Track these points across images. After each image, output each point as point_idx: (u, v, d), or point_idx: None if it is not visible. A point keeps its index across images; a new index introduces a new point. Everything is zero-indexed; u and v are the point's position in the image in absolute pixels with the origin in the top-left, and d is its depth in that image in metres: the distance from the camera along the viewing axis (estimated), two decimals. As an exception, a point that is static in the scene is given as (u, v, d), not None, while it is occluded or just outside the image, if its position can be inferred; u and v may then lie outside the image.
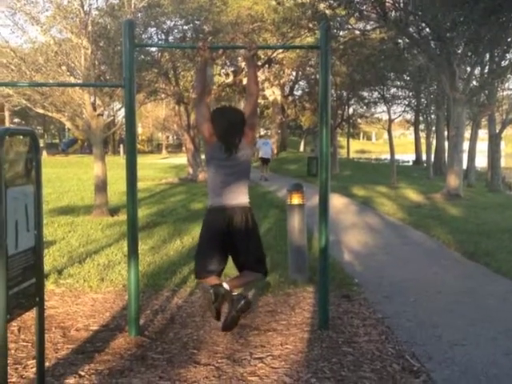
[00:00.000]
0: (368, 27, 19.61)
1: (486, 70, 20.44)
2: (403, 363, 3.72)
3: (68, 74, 10.79)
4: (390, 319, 4.65)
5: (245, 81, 19.99)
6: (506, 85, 24.23)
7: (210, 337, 4.19)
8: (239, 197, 3.87)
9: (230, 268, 4.21)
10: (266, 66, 24.60)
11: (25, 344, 3.98)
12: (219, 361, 3.73)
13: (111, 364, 3.66)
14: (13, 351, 3.81)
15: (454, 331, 4.35)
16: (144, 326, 4.40)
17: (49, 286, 5.45)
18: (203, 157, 21.48)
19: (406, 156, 45.82)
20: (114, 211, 11.09)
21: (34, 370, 3.24)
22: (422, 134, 37.45)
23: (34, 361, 3.30)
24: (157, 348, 3.95)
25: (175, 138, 62.11)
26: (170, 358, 3.78)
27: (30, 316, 4.10)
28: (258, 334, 4.24)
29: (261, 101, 36.17)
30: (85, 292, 5.41)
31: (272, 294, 5.34)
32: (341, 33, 19.56)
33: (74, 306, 4.96)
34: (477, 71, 20.12)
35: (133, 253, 4.16)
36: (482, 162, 30.83)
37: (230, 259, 3.98)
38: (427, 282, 5.95)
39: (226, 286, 3.70)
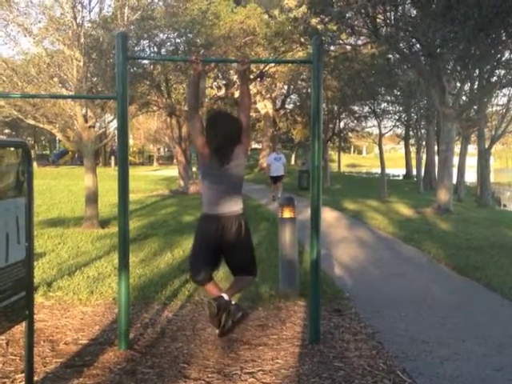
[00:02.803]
0: (359, 42, 19.76)
1: (475, 86, 20.64)
2: (394, 378, 3.71)
3: (60, 85, 10.79)
4: (381, 334, 4.65)
5: (237, 94, 20.07)
6: (495, 101, 24.44)
7: (201, 351, 4.16)
8: (233, 206, 3.97)
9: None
10: (258, 79, 24.71)
11: (13, 358, 3.94)
12: (210, 375, 3.70)
13: (100, 378, 3.62)
14: (1, 365, 3.77)
15: (444, 346, 4.35)
16: (134, 339, 4.36)
17: (38, 298, 5.40)
18: (194, 169, 21.53)
19: (397, 170, 45.99)
20: (104, 223, 11.04)
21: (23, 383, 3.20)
22: (413, 149, 37.62)
23: (23, 375, 3.27)
24: (147, 362, 3.92)
25: (166, 150, 62.05)
26: (160, 372, 3.75)
27: (19, 329, 4.06)
28: (248, 349, 4.22)
29: (252, 114, 36.26)
30: (74, 305, 5.37)
31: (263, 308, 5.32)
32: (332, 48, 19.70)
33: (63, 320, 4.92)
34: (466, 87, 20.30)
35: (123, 265, 4.14)
36: (471, 177, 31.01)
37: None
38: (418, 297, 5.95)
39: (225, 297, 3.90)
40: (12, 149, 2.79)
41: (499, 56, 15.44)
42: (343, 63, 20.89)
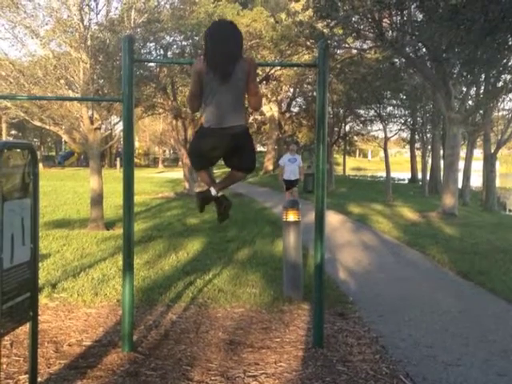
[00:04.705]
0: (365, 46, 19.77)
1: (481, 90, 20.60)
2: (397, 383, 3.70)
3: (66, 87, 10.83)
4: (385, 338, 4.64)
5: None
6: (501, 105, 24.38)
7: (204, 353, 4.17)
8: (234, 120, 3.85)
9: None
10: (264, 82, 24.73)
11: (17, 359, 3.95)
12: (212, 378, 3.71)
13: (104, 380, 3.63)
14: (5, 366, 3.77)
15: (448, 351, 4.34)
16: (137, 341, 4.37)
17: (42, 299, 5.41)
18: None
19: (402, 174, 45.91)
20: (109, 225, 11.06)
21: (26, 384, 3.21)
22: (418, 153, 37.56)
23: (26, 376, 3.28)
24: (150, 364, 3.92)
25: (172, 152, 62.18)
26: (163, 374, 3.75)
27: (23, 330, 4.07)
28: (251, 352, 4.22)
29: (258, 117, 36.31)
30: (78, 306, 5.38)
31: (266, 311, 5.32)
32: (338, 51, 19.70)
33: (67, 321, 4.93)
34: (472, 91, 20.28)
35: (128, 267, 4.15)
36: (476, 181, 30.93)
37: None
38: (422, 301, 5.94)
39: (213, 192, 4.09)
40: (18, 150, 2.81)
41: (505, 61, 15.41)
42: (349, 67, 20.91)
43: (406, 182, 41.84)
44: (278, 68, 24.41)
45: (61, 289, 5.93)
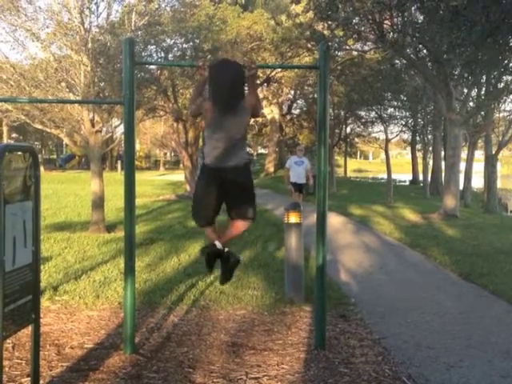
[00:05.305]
0: (366, 48, 19.77)
1: (482, 92, 20.59)
2: (400, 385, 3.69)
3: (67, 90, 10.84)
4: (387, 340, 4.63)
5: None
6: (503, 107, 24.38)
7: (206, 355, 4.16)
8: (235, 158, 3.90)
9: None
10: (265, 84, 24.74)
11: (19, 361, 3.95)
12: (215, 380, 3.70)
13: (106, 383, 3.63)
14: (7, 368, 3.77)
15: (450, 353, 4.33)
16: (139, 344, 4.37)
17: (44, 302, 5.41)
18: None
19: (403, 175, 45.85)
20: (110, 228, 11.06)
21: (28, 387, 3.21)
22: (419, 154, 37.53)
23: (29, 378, 3.28)
24: (152, 367, 3.92)
25: (173, 154, 62.17)
26: (165, 376, 3.75)
27: (25, 333, 4.07)
28: (254, 354, 4.21)
29: (259, 119, 36.30)
30: (80, 309, 5.38)
31: (268, 313, 5.32)
32: (338, 53, 19.71)
33: (69, 324, 4.93)
34: (473, 92, 20.26)
35: (129, 270, 4.15)
36: (478, 182, 30.89)
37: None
38: (424, 303, 5.93)
39: (218, 245, 3.97)
40: (20, 153, 2.81)
41: (506, 62, 15.40)
42: (350, 68, 20.91)
43: (407, 183, 41.78)
44: (279, 70, 24.42)
45: (62, 291, 5.93)
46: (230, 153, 3.88)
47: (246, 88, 4.02)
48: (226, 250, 4.04)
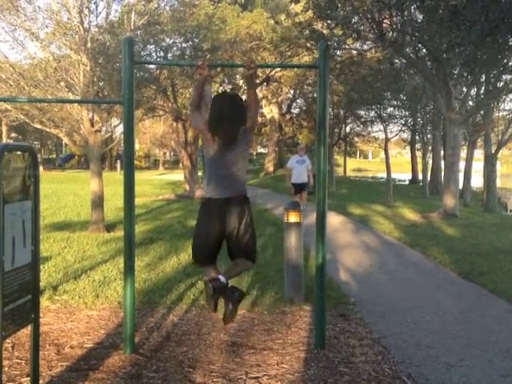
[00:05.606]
0: (365, 47, 19.77)
1: (482, 91, 20.59)
2: (400, 384, 3.69)
3: (66, 90, 10.83)
4: (387, 339, 4.63)
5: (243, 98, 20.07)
6: (502, 106, 24.37)
7: (206, 355, 4.16)
8: (236, 189, 3.90)
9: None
10: (264, 84, 24.74)
11: (19, 361, 3.95)
12: (215, 380, 3.70)
13: (105, 382, 3.63)
14: (6, 368, 3.77)
15: (450, 352, 4.33)
16: (139, 343, 4.36)
17: (43, 302, 5.41)
18: (200, 173, 21.54)
19: (403, 175, 45.85)
20: (110, 227, 11.05)
21: (28, 387, 3.20)
22: (419, 154, 37.53)
23: (28, 378, 3.27)
24: (152, 366, 3.92)
25: (172, 154, 62.19)
26: (165, 376, 3.75)
27: (24, 333, 4.07)
28: (253, 353, 4.21)
29: (258, 118, 36.27)
30: (80, 309, 5.38)
31: (268, 312, 5.32)
32: (338, 52, 19.71)
33: (69, 323, 4.93)
34: (473, 92, 20.27)
35: (129, 269, 4.15)
36: (477, 182, 30.89)
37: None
38: (423, 302, 5.93)
39: (222, 279, 3.80)
40: (19, 153, 2.80)
41: (506, 61, 15.39)
42: (349, 68, 20.90)
43: (407, 182, 41.79)
44: (279, 69, 24.44)
45: (62, 291, 5.93)
46: (233, 185, 3.90)
47: (246, 108, 4.02)
48: (230, 285, 3.93)
